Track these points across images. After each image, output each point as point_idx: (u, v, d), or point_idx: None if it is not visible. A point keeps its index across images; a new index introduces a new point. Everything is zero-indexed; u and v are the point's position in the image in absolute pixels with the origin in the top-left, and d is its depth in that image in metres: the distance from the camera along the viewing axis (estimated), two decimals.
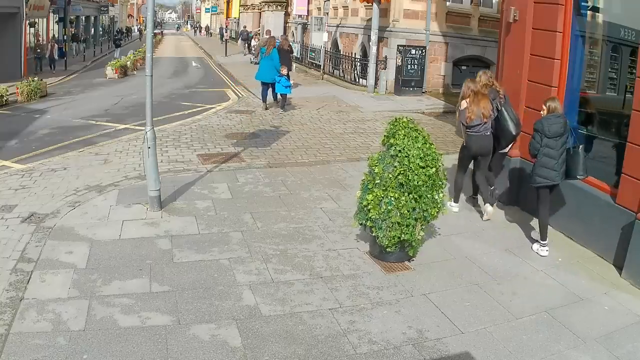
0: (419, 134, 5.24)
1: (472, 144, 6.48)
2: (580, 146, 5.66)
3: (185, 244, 5.62)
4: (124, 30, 53.63)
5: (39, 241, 5.56)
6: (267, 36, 18.73)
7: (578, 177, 5.70)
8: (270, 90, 13.37)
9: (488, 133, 6.41)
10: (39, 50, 23.85)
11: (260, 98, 13.56)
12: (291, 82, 13.55)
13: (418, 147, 5.12)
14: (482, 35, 16.88)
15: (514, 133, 6.37)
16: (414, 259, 5.37)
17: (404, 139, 5.14)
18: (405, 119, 5.35)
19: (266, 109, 13.17)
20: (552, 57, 6.19)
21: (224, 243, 5.67)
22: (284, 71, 12.89)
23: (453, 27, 16.95)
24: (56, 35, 29.69)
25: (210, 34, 62.72)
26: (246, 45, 32.44)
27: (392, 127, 5.31)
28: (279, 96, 13.39)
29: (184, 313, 4.37)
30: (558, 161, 5.55)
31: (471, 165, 6.80)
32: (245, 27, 38.05)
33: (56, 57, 24.66)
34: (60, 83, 20.65)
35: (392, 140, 5.22)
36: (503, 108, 6.35)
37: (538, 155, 5.64)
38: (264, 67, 13.08)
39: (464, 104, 6.44)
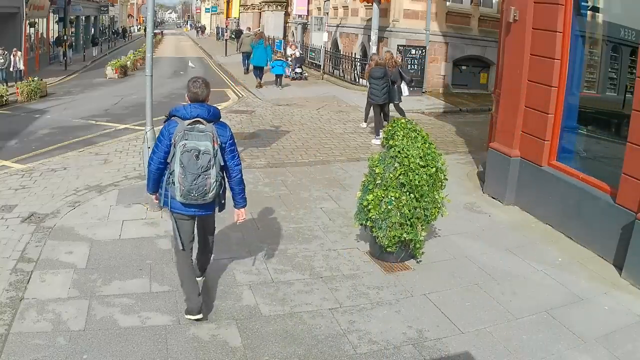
0: (417, 134, 5.29)
1: None
2: (397, 85, 10.78)
3: None
4: (120, 31, 53.59)
5: (39, 241, 5.56)
6: (245, 30, 24.84)
7: (395, 102, 10.93)
8: (268, 76, 17.51)
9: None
10: None
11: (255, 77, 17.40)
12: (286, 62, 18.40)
13: (417, 146, 5.16)
14: (482, 35, 16.88)
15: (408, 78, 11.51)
16: (420, 259, 5.35)
17: (402, 139, 5.18)
18: (403, 120, 5.45)
19: (260, 86, 16.92)
20: (552, 57, 6.19)
21: (224, 243, 5.66)
22: (289, 56, 19.13)
23: (453, 27, 16.95)
24: (51, 38, 28.85)
25: (206, 33, 62.29)
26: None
27: (390, 128, 5.37)
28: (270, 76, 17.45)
29: (184, 313, 4.37)
30: (380, 92, 10.17)
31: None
32: (238, 26, 38.27)
33: (21, 67, 19.31)
34: (60, 83, 20.66)
35: (391, 142, 5.25)
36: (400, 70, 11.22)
37: (371, 87, 10.30)
38: (258, 55, 17.19)
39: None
